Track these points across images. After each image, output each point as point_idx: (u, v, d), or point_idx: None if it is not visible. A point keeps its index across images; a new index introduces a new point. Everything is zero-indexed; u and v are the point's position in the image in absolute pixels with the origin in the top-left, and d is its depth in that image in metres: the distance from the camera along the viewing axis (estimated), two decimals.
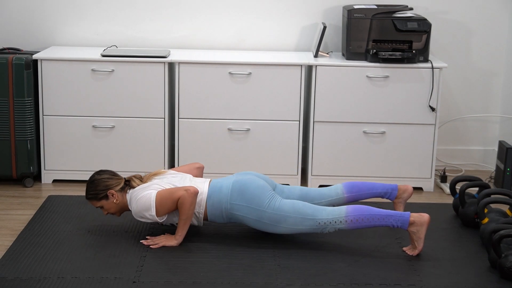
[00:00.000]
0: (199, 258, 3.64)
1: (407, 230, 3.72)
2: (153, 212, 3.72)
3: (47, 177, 4.75)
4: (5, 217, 4.18)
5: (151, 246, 3.73)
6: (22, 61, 4.55)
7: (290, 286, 3.39)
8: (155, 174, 3.91)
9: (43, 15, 4.97)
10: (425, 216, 3.69)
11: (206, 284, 3.38)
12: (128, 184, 3.87)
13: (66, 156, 4.71)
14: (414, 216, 3.69)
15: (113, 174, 3.89)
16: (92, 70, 4.61)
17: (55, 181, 4.76)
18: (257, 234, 3.94)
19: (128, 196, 3.83)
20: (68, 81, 4.62)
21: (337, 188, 4.01)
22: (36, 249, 3.70)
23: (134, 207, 3.77)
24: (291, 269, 3.54)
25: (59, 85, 4.63)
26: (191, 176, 3.93)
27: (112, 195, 3.82)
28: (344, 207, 3.74)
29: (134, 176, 3.90)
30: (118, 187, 3.83)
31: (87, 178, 4.71)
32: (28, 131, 4.61)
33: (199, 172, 4.08)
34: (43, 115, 4.66)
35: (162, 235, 3.80)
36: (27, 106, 4.59)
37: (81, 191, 4.59)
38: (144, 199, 3.73)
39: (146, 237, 3.82)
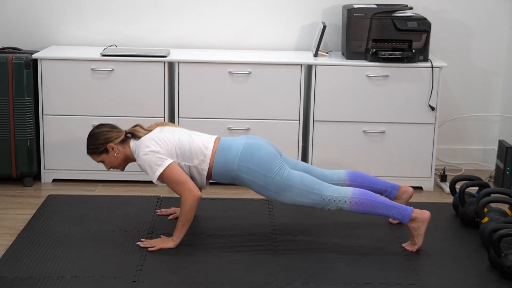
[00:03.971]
0: (199, 258, 3.64)
1: (407, 225, 3.73)
2: (155, 179, 3.68)
3: (47, 176, 4.75)
4: (5, 216, 4.18)
5: (148, 249, 3.70)
6: (22, 60, 4.55)
7: (290, 285, 3.39)
8: (162, 125, 3.86)
9: (43, 14, 4.97)
10: (426, 213, 3.71)
11: (206, 283, 3.38)
12: (130, 136, 3.82)
13: (66, 156, 4.71)
14: (416, 212, 3.70)
15: (112, 127, 3.84)
16: (92, 69, 4.62)
17: (55, 180, 4.76)
18: (257, 234, 3.94)
19: (133, 145, 3.77)
20: (68, 80, 4.62)
21: (340, 173, 4.01)
22: (36, 248, 3.70)
23: (140, 158, 3.70)
24: (291, 269, 3.54)
25: (59, 85, 4.63)
26: (198, 133, 3.88)
27: (112, 149, 3.77)
28: (351, 188, 3.74)
29: (137, 125, 3.85)
30: (118, 140, 3.78)
31: (87, 177, 4.75)
32: (28, 130, 4.61)
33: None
34: (43, 114, 4.66)
35: (159, 238, 3.79)
36: (27, 106, 4.59)
37: (81, 190, 4.60)
38: (153, 160, 3.66)
39: (142, 239, 3.80)
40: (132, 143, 3.79)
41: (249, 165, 3.72)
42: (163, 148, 3.71)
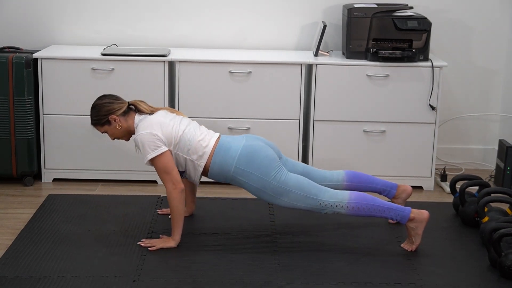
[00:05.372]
0: (199, 257, 3.64)
1: (405, 225, 3.73)
2: (145, 161, 3.68)
3: (47, 176, 4.75)
4: (5, 215, 4.18)
5: (149, 249, 3.70)
6: (22, 60, 4.55)
7: (290, 285, 3.39)
8: (170, 110, 3.85)
9: (43, 14, 4.97)
10: (425, 213, 3.71)
11: (206, 283, 3.38)
12: (133, 108, 3.80)
13: (66, 155, 4.71)
14: (415, 212, 3.70)
15: (115, 98, 3.81)
16: (92, 69, 4.62)
17: (55, 180, 4.76)
18: (257, 233, 3.94)
19: (137, 120, 3.76)
20: (68, 80, 4.62)
21: (339, 174, 4.00)
22: (36, 248, 3.70)
23: (139, 135, 3.68)
24: (291, 268, 3.54)
25: (59, 84, 4.63)
26: (204, 128, 3.86)
27: (114, 120, 3.76)
28: (347, 193, 3.73)
29: (138, 101, 3.83)
30: (120, 111, 3.76)
31: (87, 177, 4.75)
32: (28, 130, 4.61)
33: None
34: (43, 114, 4.66)
35: (159, 238, 3.79)
36: (27, 105, 4.59)
37: (81, 190, 4.61)
38: (149, 142, 3.65)
39: (142, 239, 3.80)
40: (137, 117, 3.78)
41: (246, 168, 3.71)
42: (164, 135, 3.69)
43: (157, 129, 3.69)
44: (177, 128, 3.74)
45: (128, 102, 3.82)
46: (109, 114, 3.76)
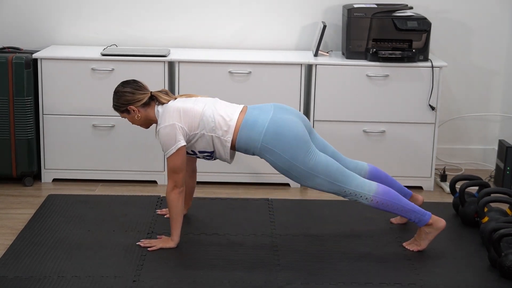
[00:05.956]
0: (199, 257, 3.64)
1: (420, 228, 3.74)
2: (166, 157, 3.68)
3: (47, 176, 4.75)
4: (5, 216, 4.18)
5: (148, 249, 3.70)
6: (22, 60, 4.55)
7: (290, 285, 3.39)
8: (187, 96, 3.82)
9: (43, 14, 4.97)
10: (442, 222, 3.73)
11: (206, 283, 3.38)
12: (154, 99, 3.77)
13: (66, 155, 4.71)
14: (434, 218, 3.71)
15: (137, 88, 3.76)
16: (92, 69, 4.62)
17: (55, 180, 4.76)
18: (257, 233, 3.94)
19: (157, 111, 3.73)
20: (68, 80, 4.62)
21: (362, 167, 3.95)
22: (36, 248, 3.70)
23: (161, 129, 3.66)
24: (291, 268, 3.54)
25: (59, 84, 4.63)
26: (224, 102, 3.81)
27: (133, 111, 3.74)
28: (375, 185, 3.69)
29: (163, 90, 3.81)
30: (140, 103, 3.73)
31: (87, 177, 4.76)
32: (28, 130, 4.61)
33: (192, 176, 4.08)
34: (43, 114, 4.66)
35: (159, 239, 3.80)
36: (27, 105, 4.59)
37: (81, 190, 4.60)
38: (171, 137, 3.62)
39: (141, 240, 3.80)
40: (157, 108, 3.75)
41: (273, 147, 3.64)
42: (184, 122, 3.67)
43: (177, 117, 3.67)
44: (196, 108, 3.70)
45: (151, 92, 3.78)
46: (128, 105, 3.75)
